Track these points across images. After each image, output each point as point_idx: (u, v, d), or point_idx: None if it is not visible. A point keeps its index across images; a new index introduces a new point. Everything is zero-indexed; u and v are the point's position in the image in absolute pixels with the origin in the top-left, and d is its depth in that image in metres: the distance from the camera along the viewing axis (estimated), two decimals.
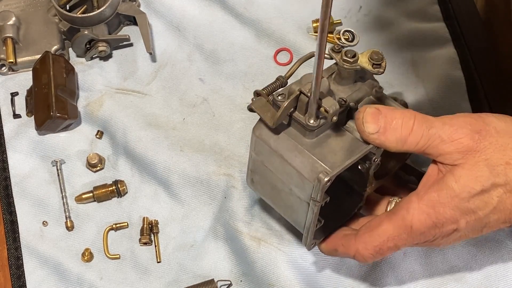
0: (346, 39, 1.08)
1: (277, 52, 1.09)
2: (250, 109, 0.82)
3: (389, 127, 0.78)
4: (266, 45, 1.09)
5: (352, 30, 1.08)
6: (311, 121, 0.80)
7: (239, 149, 1.02)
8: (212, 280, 0.94)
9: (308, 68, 0.90)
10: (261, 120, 0.82)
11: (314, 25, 1.09)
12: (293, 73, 0.88)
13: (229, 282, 0.94)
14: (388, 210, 0.87)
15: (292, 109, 0.81)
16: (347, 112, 0.84)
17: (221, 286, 0.94)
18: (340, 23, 1.10)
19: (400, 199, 0.86)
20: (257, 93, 0.84)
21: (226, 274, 0.95)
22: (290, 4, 1.12)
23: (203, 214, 0.98)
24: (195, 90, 1.07)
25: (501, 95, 1.05)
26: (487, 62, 1.07)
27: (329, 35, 1.08)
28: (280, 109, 0.79)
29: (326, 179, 0.77)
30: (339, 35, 1.08)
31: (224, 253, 0.96)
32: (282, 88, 0.85)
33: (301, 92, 0.79)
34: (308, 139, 0.81)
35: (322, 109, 0.79)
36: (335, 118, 0.79)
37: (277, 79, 0.87)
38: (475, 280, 0.93)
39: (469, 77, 1.05)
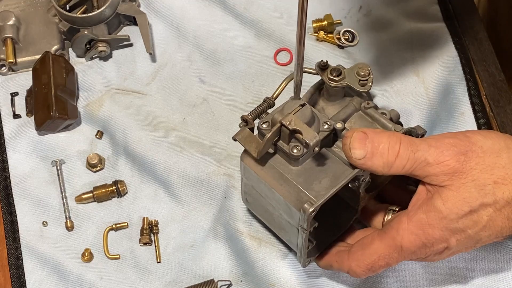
0: (346, 39, 1.08)
1: (277, 52, 1.09)
2: (235, 140, 0.83)
3: (376, 152, 0.79)
4: (266, 45, 1.09)
5: (352, 30, 1.08)
6: (295, 151, 0.81)
7: (239, 149, 1.01)
8: (212, 280, 0.94)
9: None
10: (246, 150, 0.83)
11: (314, 25, 1.09)
12: (280, 93, 0.88)
13: (229, 282, 0.94)
14: (385, 220, 0.87)
15: (276, 138, 0.81)
16: (335, 133, 0.84)
17: (221, 286, 0.94)
18: (340, 23, 1.10)
19: (397, 210, 0.87)
20: (243, 119, 0.84)
21: (226, 274, 0.95)
22: (290, 4, 1.12)
23: (203, 214, 0.98)
24: (195, 90, 1.06)
25: (501, 95, 1.05)
26: (487, 62, 1.07)
27: (329, 35, 1.09)
28: (263, 142, 0.80)
29: (311, 210, 0.78)
30: (339, 35, 1.09)
31: (224, 253, 0.96)
32: (266, 116, 0.85)
33: (282, 125, 0.79)
34: (294, 167, 0.82)
35: (303, 141, 0.79)
36: (317, 149, 0.80)
37: (264, 100, 0.87)
38: (475, 281, 0.93)
39: (469, 77, 1.05)
